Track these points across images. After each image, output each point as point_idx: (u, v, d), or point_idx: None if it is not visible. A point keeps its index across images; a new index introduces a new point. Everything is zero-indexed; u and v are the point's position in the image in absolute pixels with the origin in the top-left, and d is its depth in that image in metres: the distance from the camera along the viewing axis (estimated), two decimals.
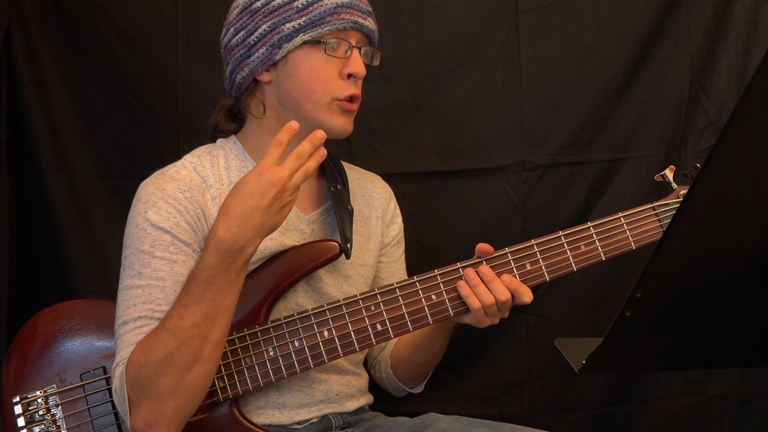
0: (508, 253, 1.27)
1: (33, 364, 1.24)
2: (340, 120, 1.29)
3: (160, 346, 1.11)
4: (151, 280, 1.19)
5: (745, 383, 1.84)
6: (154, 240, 1.21)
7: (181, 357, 1.10)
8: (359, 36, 1.31)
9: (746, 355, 0.96)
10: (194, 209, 1.25)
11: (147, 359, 1.11)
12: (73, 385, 1.23)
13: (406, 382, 1.49)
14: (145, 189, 1.27)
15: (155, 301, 1.18)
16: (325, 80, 1.27)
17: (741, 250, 0.82)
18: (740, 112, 0.67)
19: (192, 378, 1.12)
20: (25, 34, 1.76)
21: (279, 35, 1.27)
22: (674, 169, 1.36)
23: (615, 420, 1.86)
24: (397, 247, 1.53)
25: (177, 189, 1.25)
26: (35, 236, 1.81)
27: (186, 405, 1.14)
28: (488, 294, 1.23)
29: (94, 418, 1.21)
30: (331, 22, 1.26)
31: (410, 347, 1.45)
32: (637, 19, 1.81)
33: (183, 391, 1.12)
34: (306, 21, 1.26)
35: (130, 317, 1.18)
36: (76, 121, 1.81)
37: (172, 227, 1.22)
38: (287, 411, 1.29)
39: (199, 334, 1.11)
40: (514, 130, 1.84)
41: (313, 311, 1.25)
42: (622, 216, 1.30)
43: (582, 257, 1.28)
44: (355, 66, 1.28)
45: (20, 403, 1.22)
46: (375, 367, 1.52)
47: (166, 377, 1.10)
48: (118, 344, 1.18)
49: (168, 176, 1.28)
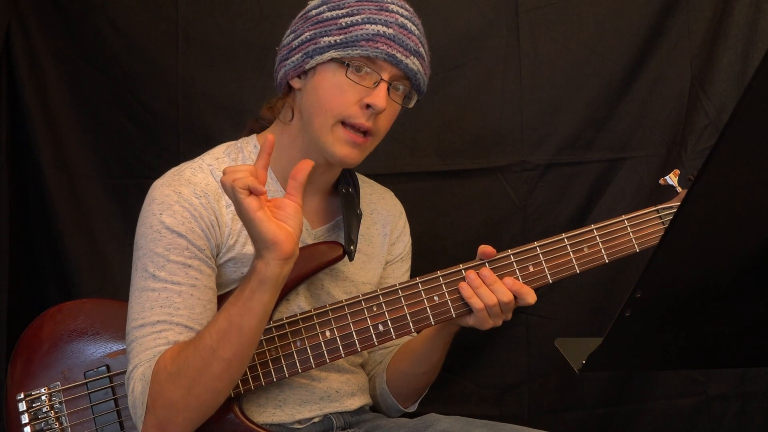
0: (511, 255, 1.27)
1: (38, 362, 1.25)
2: (342, 148, 1.24)
3: (181, 355, 1.12)
4: (167, 284, 1.18)
5: (745, 383, 1.84)
6: (169, 243, 1.20)
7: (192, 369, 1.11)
8: (395, 72, 1.25)
9: (746, 355, 0.96)
10: (208, 216, 1.24)
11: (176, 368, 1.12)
12: (76, 383, 1.23)
13: (401, 399, 1.46)
14: (160, 190, 1.25)
15: (173, 305, 1.18)
16: (340, 102, 1.23)
17: (741, 250, 0.82)
18: (740, 112, 0.67)
19: (200, 391, 1.12)
20: (25, 34, 1.77)
21: (315, 46, 1.25)
22: (678, 173, 1.36)
23: (615, 420, 1.86)
24: (401, 264, 1.51)
25: (193, 194, 1.23)
26: (35, 236, 1.82)
27: (196, 418, 1.15)
28: (490, 294, 1.23)
29: (96, 415, 1.22)
30: (364, 47, 1.22)
31: (409, 356, 1.43)
32: (637, 19, 1.81)
33: (194, 405, 1.13)
34: (342, 39, 1.23)
35: (147, 321, 1.17)
36: (76, 121, 1.81)
37: (187, 232, 1.21)
38: (288, 409, 1.29)
39: (212, 348, 1.11)
40: (514, 130, 1.84)
41: (316, 311, 1.25)
42: (626, 219, 1.29)
43: (585, 260, 1.28)
44: (376, 97, 1.22)
45: (24, 400, 1.23)
46: (370, 382, 1.49)
47: (181, 389, 1.11)
48: (134, 347, 1.17)
49: (184, 179, 1.25)
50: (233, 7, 1.82)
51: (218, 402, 1.16)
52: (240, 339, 1.12)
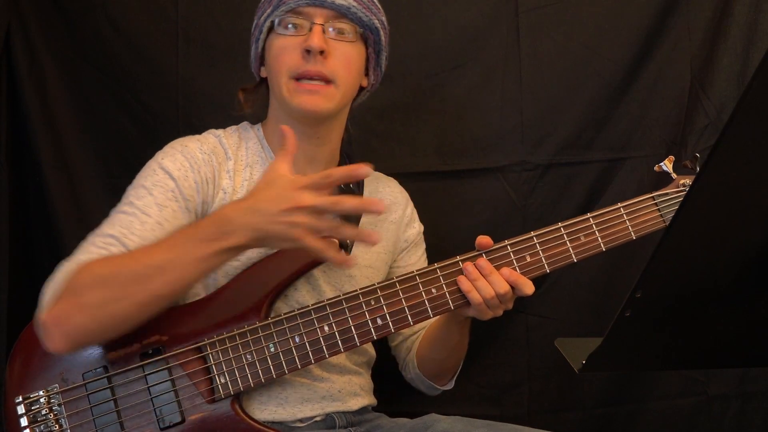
0: (508, 245, 1.27)
1: (36, 364, 1.24)
2: (301, 98, 1.27)
3: (113, 266, 1.14)
4: (137, 212, 1.23)
5: (745, 383, 1.84)
6: (158, 181, 1.25)
7: (116, 283, 1.12)
8: (325, 12, 1.27)
9: (746, 355, 0.96)
10: (207, 171, 1.29)
11: (99, 271, 1.14)
12: (75, 385, 1.23)
13: (434, 379, 1.49)
14: (169, 144, 1.33)
15: (130, 229, 1.21)
16: (284, 60, 1.28)
17: (741, 250, 0.82)
18: (740, 112, 0.67)
19: (116, 310, 1.12)
20: (25, 34, 1.76)
21: (257, 29, 1.33)
22: (673, 159, 1.36)
23: (615, 420, 1.86)
24: (416, 250, 1.53)
25: (198, 149, 1.31)
26: (35, 236, 1.81)
27: (91, 329, 1.14)
28: (488, 287, 1.23)
29: (96, 417, 1.22)
30: (287, 3, 1.28)
31: (429, 344, 1.46)
32: (637, 19, 1.81)
33: (102, 318, 1.13)
34: (271, 9, 1.30)
35: (103, 232, 1.22)
36: (76, 121, 1.81)
37: (179, 177, 1.26)
38: (290, 406, 1.29)
39: (146, 275, 1.12)
40: (514, 130, 1.84)
41: (314, 306, 1.25)
42: (622, 206, 1.30)
43: (582, 248, 1.28)
44: (309, 40, 1.25)
45: (23, 403, 1.22)
46: (405, 369, 1.53)
47: (99, 297, 1.12)
48: (80, 246, 1.21)
49: (194, 138, 1.34)
50: (233, 7, 1.82)
51: (122, 328, 1.16)
52: (171, 279, 1.12)
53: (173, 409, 1.21)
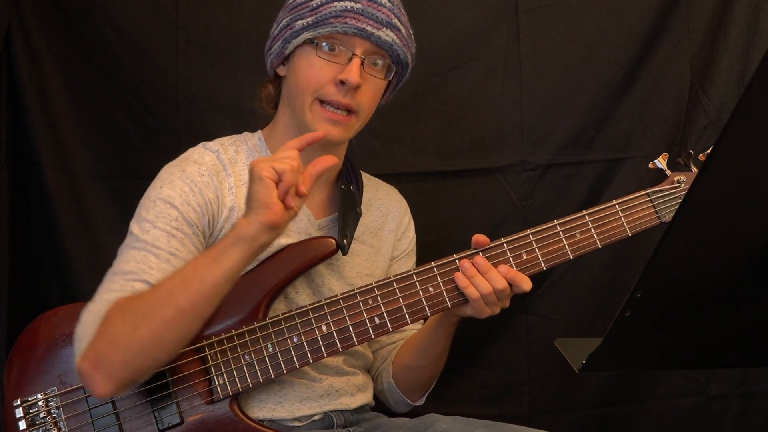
0: (504, 243, 1.27)
1: (35, 367, 1.24)
2: (322, 126, 1.26)
3: (139, 297, 1.13)
4: (148, 246, 1.21)
5: (745, 383, 1.84)
6: (160, 212, 1.24)
7: (141, 307, 1.11)
8: (368, 46, 1.26)
9: (746, 355, 0.96)
10: (209, 192, 1.27)
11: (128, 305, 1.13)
12: (73, 387, 1.23)
13: (408, 393, 1.46)
14: (167, 169, 1.31)
15: (148, 263, 1.20)
16: (314, 80, 1.26)
17: (741, 250, 0.82)
18: (740, 112, 0.67)
19: (144, 332, 1.10)
20: (25, 34, 1.76)
21: (291, 31, 1.28)
22: (667, 156, 1.36)
23: (615, 420, 1.86)
24: (407, 260, 1.52)
25: (197, 172, 1.28)
26: (35, 236, 1.81)
27: (132, 363, 1.12)
28: (485, 283, 1.23)
29: (94, 419, 1.21)
30: (333, 24, 1.24)
31: (413, 349, 1.44)
32: (637, 19, 1.81)
33: (134, 347, 1.11)
34: (313, 20, 1.26)
35: (120, 270, 1.20)
36: (76, 121, 1.81)
37: (181, 204, 1.24)
38: (288, 405, 1.29)
39: (170, 291, 1.11)
40: (514, 130, 1.84)
41: (311, 306, 1.25)
42: (617, 203, 1.30)
43: (578, 245, 1.28)
44: (348, 73, 1.23)
45: (21, 406, 1.22)
46: (377, 379, 1.50)
47: (126, 325, 1.11)
48: (101, 287, 1.20)
49: (191, 160, 1.31)
50: (233, 7, 1.82)
51: (158, 355, 1.13)
52: (199, 290, 1.11)
53: (172, 411, 1.21)
